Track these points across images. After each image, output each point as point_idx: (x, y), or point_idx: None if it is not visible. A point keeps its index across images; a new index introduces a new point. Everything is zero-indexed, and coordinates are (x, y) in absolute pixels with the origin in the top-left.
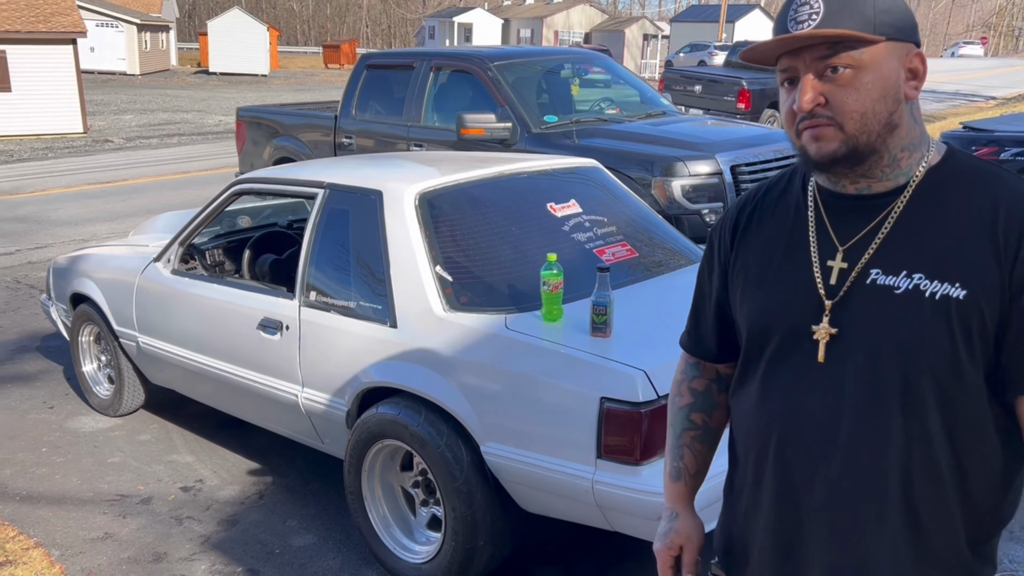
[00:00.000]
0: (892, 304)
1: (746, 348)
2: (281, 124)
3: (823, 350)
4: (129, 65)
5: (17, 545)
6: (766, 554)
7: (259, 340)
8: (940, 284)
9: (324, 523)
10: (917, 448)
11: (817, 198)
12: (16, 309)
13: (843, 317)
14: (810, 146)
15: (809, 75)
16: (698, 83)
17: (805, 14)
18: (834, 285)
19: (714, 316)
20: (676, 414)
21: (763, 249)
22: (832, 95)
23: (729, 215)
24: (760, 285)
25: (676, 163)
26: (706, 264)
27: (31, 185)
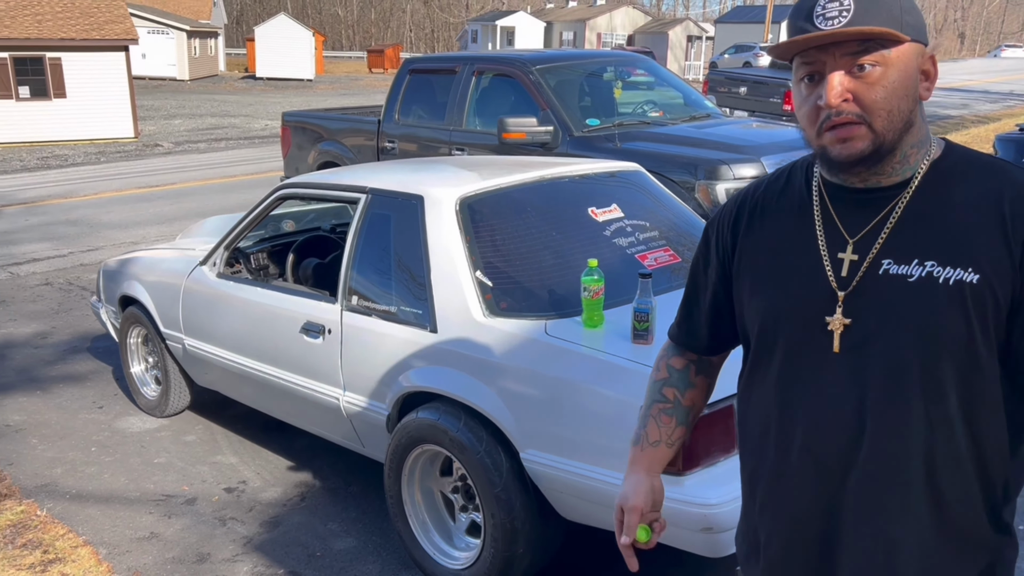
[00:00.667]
0: (907, 292)
1: (757, 343)
2: (325, 129)
3: (838, 340)
4: (179, 71)
5: (66, 543)
6: (793, 546)
7: (302, 343)
8: (953, 270)
9: (365, 527)
10: (939, 432)
11: (823, 192)
12: (68, 311)
13: (857, 307)
14: (834, 147)
15: (839, 71)
16: (743, 85)
17: (835, 10)
18: (845, 277)
19: (709, 310)
20: (651, 387)
21: (769, 244)
22: (859, 92)
23: (727, 211)
24: (770, 279)
25: (720, 166)
26: (701, 259)
27: (84, 189)
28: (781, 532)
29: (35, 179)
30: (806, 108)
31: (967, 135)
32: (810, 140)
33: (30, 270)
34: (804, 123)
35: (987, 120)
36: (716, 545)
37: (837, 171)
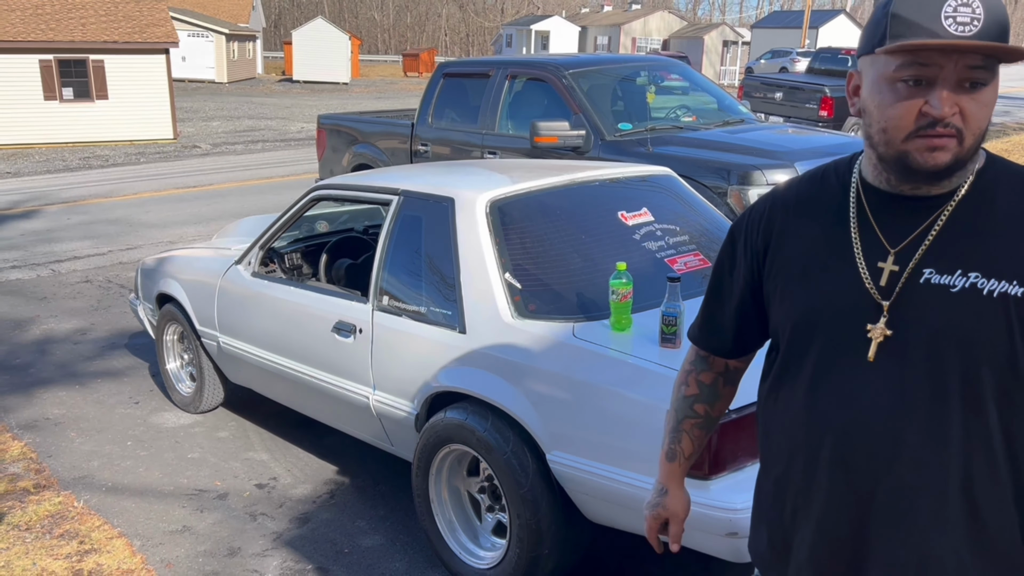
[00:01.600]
0: (950, 303)
1: (788, 347)
2: (360, 132)
3: (875, 349)
4: (217, 73)
5: (102, 534)
6: (822, 553)
7: (333, 342)
8: (997, 282)
9: (392, 524)
10: (977, 445)
11: (861, 197)
12: (107, 307)
13: (898, 317)
14: (922, 154)
15: (951, 80)
16: (779, 90)
17: (967, 16)
18: (885, 286)
19: (735, 312)
20: (681, 401)
21: (804, 247)
22: (966, 107)
23: (758, 211)
24: (804, 283)
25: (753, 171)
26: (726, 259)
27: (124, 189)
28: (811, 538)
29: (77, 179)
30: (900, 109)
31: (1008, 142)
32: (887, 143)
33: (71, 267)
34: (889, 124)
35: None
36: (740, 550)
37: (911, 178)
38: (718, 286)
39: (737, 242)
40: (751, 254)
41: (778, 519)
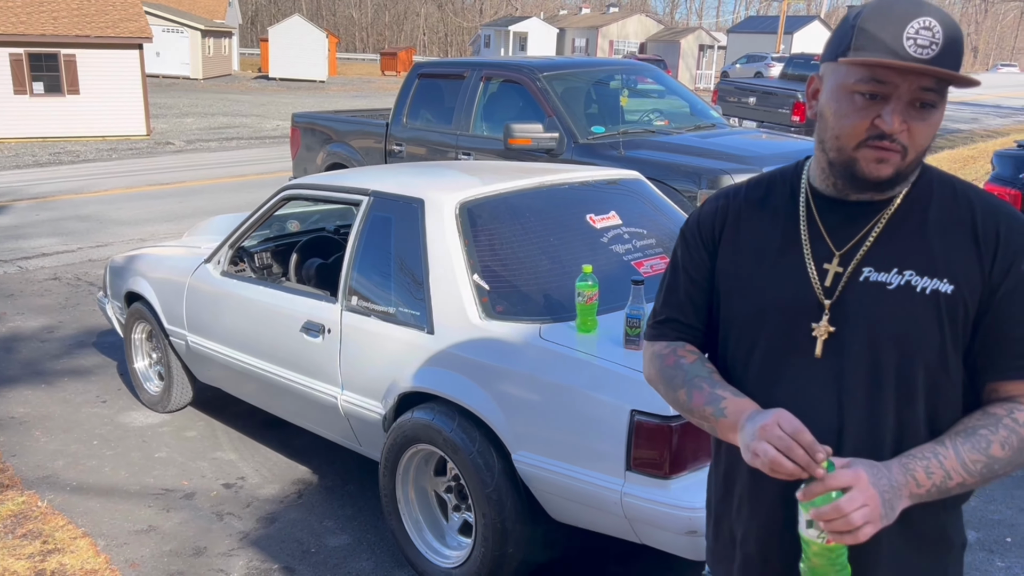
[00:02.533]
0: (886, 299)
1: (736, 343)
2: (334, 131)
3: (820, 346)
4: (192, 70)
5: (66, 534)
6: (770, 543)
7: (302, 342)
8: (930, 280)
9: (360, 524)
10: (907, 434)
11: (810, 202)
12: (75, 305)
13: (840, 315)
14: (869, 164)
15: (905, 99)
16: (752, 95)
17: (927, 40)
18: (829, 286)
19: (704, 304)
20: (693, 365)
21: (751, 248)
22: (914, 126)
23: (711, 210)
24: (751, 283)
25: (723, 176)
26: (687, 256)
27: (95, 185)
28: (758, 530)
29: (47, 174)
30: (856, 120)
31: (975, 149)
32: (838, 149)
33: (39, 264)
34: (843, 130)
35: (996, 135)
36: (700, 547)
37: (856, 185)
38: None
39: (689, 241)
40: (705, 251)
41: (727, 512)
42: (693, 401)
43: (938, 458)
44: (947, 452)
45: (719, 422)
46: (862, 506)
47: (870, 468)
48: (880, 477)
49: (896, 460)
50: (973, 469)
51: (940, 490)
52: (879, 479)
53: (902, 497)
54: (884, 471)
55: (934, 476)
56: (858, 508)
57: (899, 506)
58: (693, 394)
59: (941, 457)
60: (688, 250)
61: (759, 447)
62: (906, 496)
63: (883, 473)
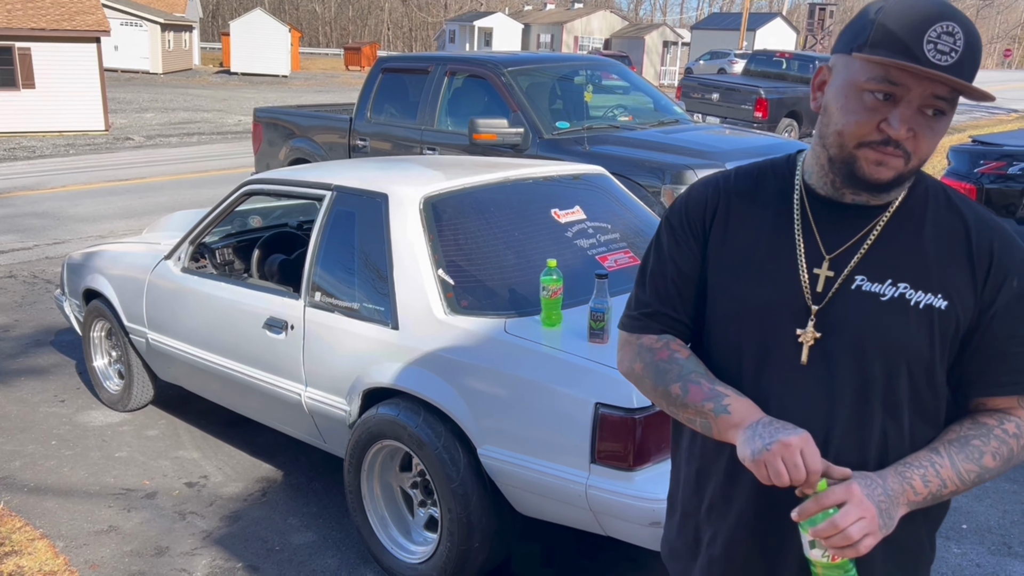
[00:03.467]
0: (878, 310)
1: (721, 342)
2: (297, 125)
3: (806, 353)
4: (152, 64)
5: (23, 536)
6: (736, 546)
7: (265, 339)
8: (924, 294)
9: (325, 522)
10: (891, 445)
11: (805, 202)
12: (32, 304)
13: (828, 321)
14: (868, 166)
15: (914, 104)
16: (716, 91)
17: (948, 46)
18: (820, 292)
19: (691, 297)
20: (689, 360)
21: (740, 244)
22: (920, 132)
23: (700, 199)
24: (737, 281)
25: (686, 171)
26: (674, 245)
27: (52, 181)
28: (728, 531)
29: (1, 171)
30: (862, 117)
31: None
32: (839, 145)
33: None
34: (847, 129)
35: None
36: None
37: (853, 184)
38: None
39: (677, 230)
40: (695, 241)
41: (694, 510)
42: (689, 396)
43: (935, 467)
44: (943, 461)
45: (719, 419)
46: (859, 519)
47: (863, 480)
48: (874, 488)
49: (891, 469)
50: (967, 478)
51: (935, 497)
52: (873, 489)
53: (899, 505)
54: (878, 481)
55: (931, 484)
56: (855, 522)
57: (897, 514)
58: (690, 388)
59: (938, 466)
60: (675, 238)
61: (773, 464)
62: (904, 504)
63: (877, 483)
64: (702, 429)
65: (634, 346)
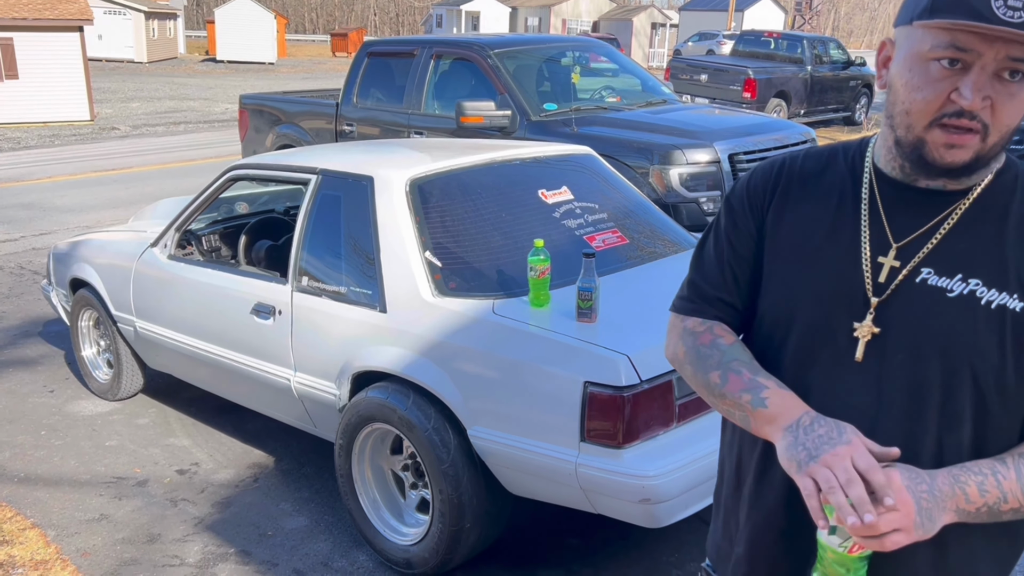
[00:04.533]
0: (944, 307)
1: (765, 331)
2: (283, 112)
3: (862, 349)
4: (136, 53)
5: (14, 526)
6: (758, 545)
7: (253, 325)
8: (999, 293)
9: (317, 506)
10: (947, 461)
11: (873, 185)
12: (19, 295)
13: (887, 316)
14: (939, 148)
15: (989, 69)
16: (704, 72)
17: (1020, 1)
18: (883, 283)
19: (747, 282)
20: (732, 347)
21: (798, 227)
22: (998, 100)
23: (762, 179)
24: (793, 266)
25: (674, 151)
26: (732, 227)
27: (37, 172)
28: (751, 531)
29: None
30: (930, 93)
31: None
32: (907, 127)
33: None
34: (914, 107)
35: None
36: (653, 516)
37: (921, 170)
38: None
39: (736, 210)
40: (753, 222)
41: (734, 507)
42: (728, 385)
43: (996, 476)
44: (1007, 472)
45: (757, 412)
46: (891, 510)
47: (907, 471)
48: (919, 482)
49: (945, 470)
50: None
51: (992, 512)
52: (917, 484)
53: (945, 509)
54: (925, 477)
55: (988, 495)
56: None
57: (941, 519)
58: (729, 377)
59: (1000, 476)
60: (734, 220)
61: (822, 476)
62: (951, 509)
63: (923, 479)
64: (741, 423)
65: (679, 330)
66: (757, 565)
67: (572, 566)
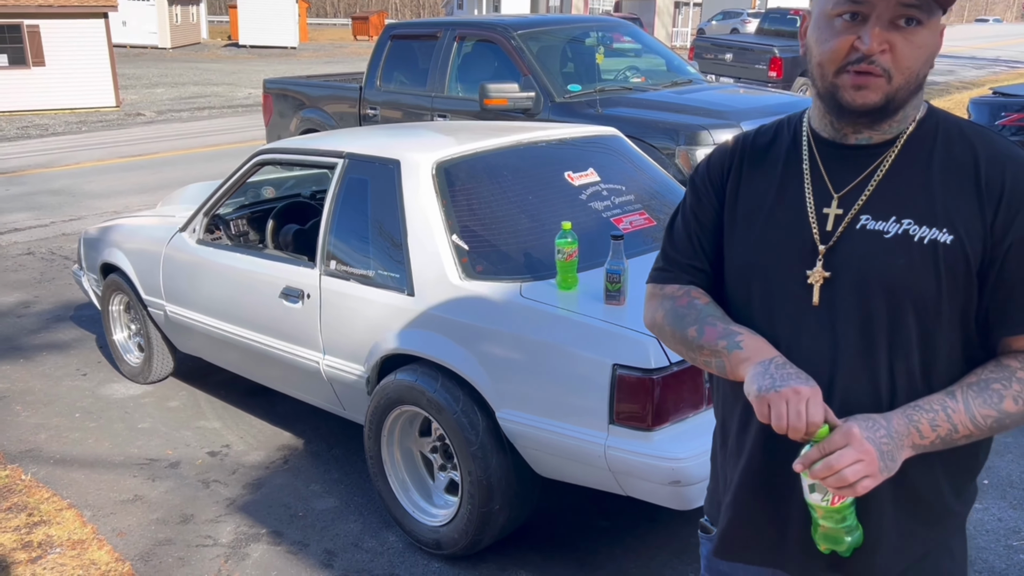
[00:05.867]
0: (882, 247)
1: (731, 290)
2: (307, 96)
3: (817, 293)
4: (160, 39)
5: (51, 506)
6: (741, 494)
7: (281, 308)
8: (928, 229)
9: (346, 487)
10: (901, 386)
11: (812, 146)
12: (51, 280)
13: (835, 261)
14: (848, 91)
15: (884, 17)
16: (729, 51)
17: None
18: (829, 231)
19: (712, 249)
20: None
21: (752, 194)
22: (897, 46)
23: (720, 157)
24: (749, 228)
25: (700, 131)
26: (695, 201)
27: (65, 158)
28: (736, 480)
29: (15, 149)
30: (834, 43)
31: (949, 100)
32: (821, 77)
33: (11, 240)
34: (824, 58)
35: (971, 86)
36: (683, 498)
37: (841, 116)
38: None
39: (708, 184)
40: (715, 196)
41: (723, 463)
42: (704, 336)
43: (946, 411)
44: (956, 405)
45: (732, 355)
46: (855, 462)
47: (864, 422)
48: (876, 429)
49: (900, 410)
50: (983, 424)
51: (945, 442)
52: (876, 431)
53: (903, 447)
54: (881, 422)
55: (939, 428)
56: (851, 464)
57: (900, 456)
58: (705, 329)
59: (949, 410)
60: (697, 195)
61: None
62: (908, 446)
63: (879, 424)
64: (717, 370)
65: (658, 297)
66: (740, 510)
67: (600, 547)
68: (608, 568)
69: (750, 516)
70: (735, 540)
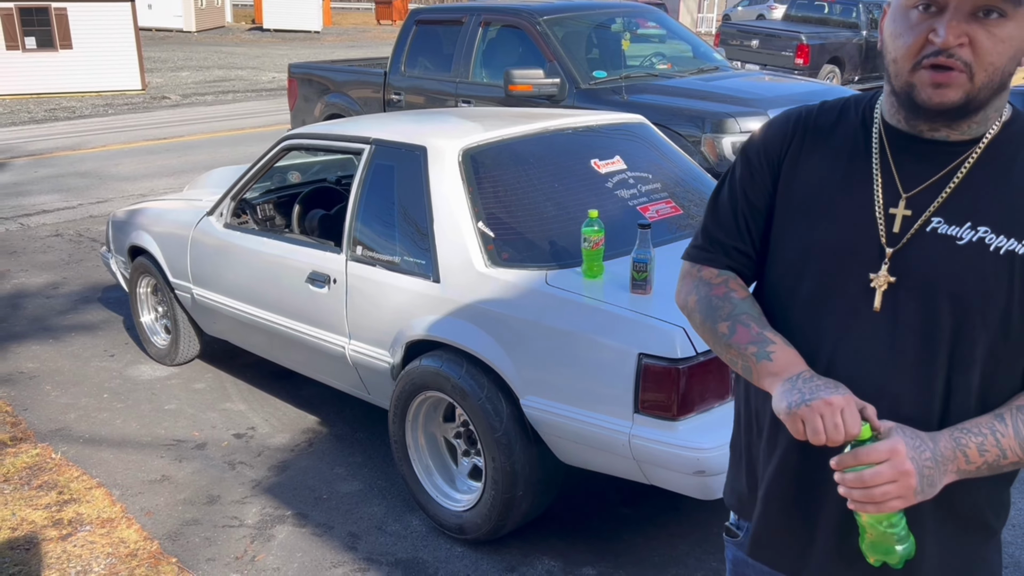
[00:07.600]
0: (953, 254)
1: (777, 280)
2: (332, 81)
3: (879, 299)
4: (185, 22)
5: (81, 484)
6: (773, 492)
7: (308, 293)
8: (1006, 239)
9: (370, 471)
10: (956, 402)
11: (883, 136)
12: (79, 261)
13: (901, 265)
14: (926, 89)
15: (964, 9)
16: (755, 37)
17: None
18: (897, 233)
19: (759, 232)
20: (744, 301)
21: (812, 179)
22: (978, 39)
23: (779, 131)
24: (806, 216)
25: (727, 119)
26: (747, 177)
27: (92, 141)
28: (769, 477)
29: (43, 131)
30: (910, 37)
31: None
32: (896, 75)
33: (40, 221)
34: (898, 52)
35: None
36: (708, 487)
37: (917, 115)
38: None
39: (752, 161)
40: (769, 174)
41: (756, 455)
42: (735, 336)
43: (995, 435)
44: (1006, 430)
45: (761, 365)
46: (888, 482)
47: (912, 439)
48: (922, 450)
49: (947, 432)
50: None
51: (992, 468)
52: (920, 452)
53: (947, 472)
54: (928, 443)
55: (987, 454)
56: (884, 484)
57: (941, 481)
58: (738, 329)
59: (999, 434)
60: (750, 171)
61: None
62: (952, 471)
63: (926, 446)
64: (743, 372)
65: (694, 278)
66: (771, 506)
67: (623, 534)
68: (630, 555)
69: (781, 518)
70: (767, 541)
